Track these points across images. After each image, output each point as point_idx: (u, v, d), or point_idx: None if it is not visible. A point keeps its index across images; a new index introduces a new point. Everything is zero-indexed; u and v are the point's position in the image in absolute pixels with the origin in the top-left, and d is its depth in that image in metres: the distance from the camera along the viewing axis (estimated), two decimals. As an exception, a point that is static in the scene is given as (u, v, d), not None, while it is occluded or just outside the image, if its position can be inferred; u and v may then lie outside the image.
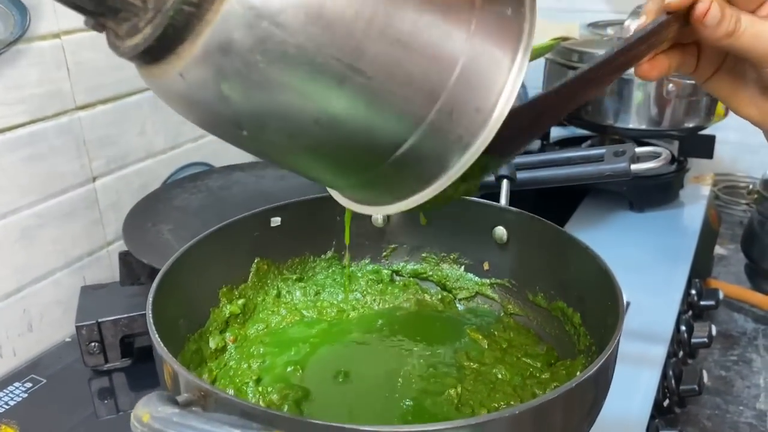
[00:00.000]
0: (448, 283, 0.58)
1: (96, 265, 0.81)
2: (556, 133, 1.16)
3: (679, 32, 0.40)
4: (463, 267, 0.58)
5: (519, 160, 0.64)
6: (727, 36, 0.39)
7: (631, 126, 0.99)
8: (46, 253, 0.75)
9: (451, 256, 0.59)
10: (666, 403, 0.69)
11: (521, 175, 0.60)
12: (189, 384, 0.34)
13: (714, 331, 0.77)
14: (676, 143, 1.07)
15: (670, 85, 0.94)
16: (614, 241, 0.94)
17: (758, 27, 0.39)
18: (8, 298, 0.72)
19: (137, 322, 0.68)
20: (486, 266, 0.57)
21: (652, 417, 0.64)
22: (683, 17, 0.39)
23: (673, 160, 1.07)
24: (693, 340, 0.77)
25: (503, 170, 0.57)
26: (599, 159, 0.61)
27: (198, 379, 0.34)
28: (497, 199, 0.58)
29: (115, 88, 0.80)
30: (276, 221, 0.55)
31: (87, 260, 0.80)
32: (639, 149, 0.62)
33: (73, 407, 0.66)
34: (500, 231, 0.55)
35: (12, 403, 0.65)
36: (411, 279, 0.59)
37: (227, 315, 0.52)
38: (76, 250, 0.79)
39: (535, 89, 1.36)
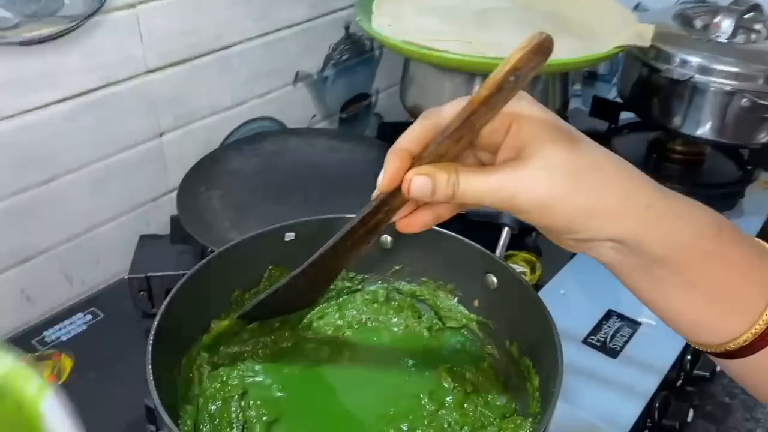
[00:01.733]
0: (440, 310, 0.63)
1: (159, 210, 0.91)
2: (627, 116, 1.13)
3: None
4: (456, 298, 0.63)
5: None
6: (448, 199, 0.40)
7: (698, 133, 0.95)
8: (114, 200, 0.85)
9: (448, 286, 0.63)
10: (645, 432, 0.73)
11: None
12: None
13: (719, 369, 0.79)
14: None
15: (744, 99, 0.89)
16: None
17: (474, 183, 0.40)
18: (79, 237, 0.83)
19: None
20: (476, 303, 0.61)
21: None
22: None
23: (740, 166, 1.04)
24: (695, 372, 0.79)
25: (505, 217, 0.60)
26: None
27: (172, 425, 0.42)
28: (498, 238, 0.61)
29: (185, 52, 0.86)
30: (290, 236, 0.61)
31: (150, 206, 0.90)
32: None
33: (125, 343, 0.76)
34: (491, 278, 0.59)
35: (73, 333, 0.77)
36: (408, 299, 0.64)
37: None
38: (141, 197, 0.88)
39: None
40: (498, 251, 0.58)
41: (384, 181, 0.41)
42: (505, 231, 0.59)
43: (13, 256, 0.78)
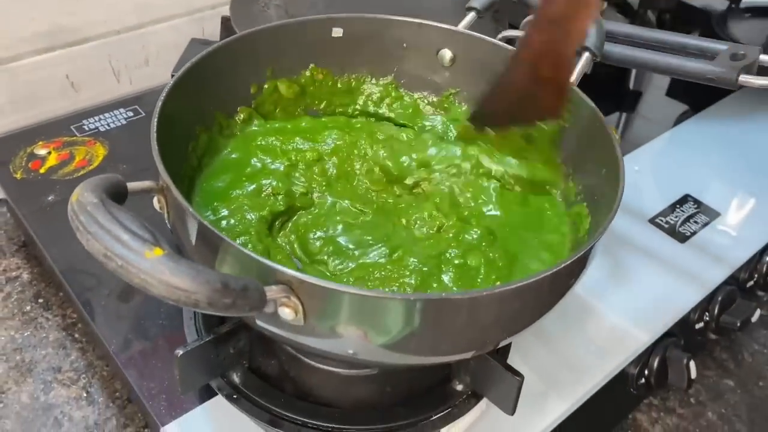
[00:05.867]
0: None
1: (216, 19, 0.85)
2: (752, -3, 0.98)
3: None
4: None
5: (616, 28, 0.56)
6: None
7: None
8: (169, -2, 0.80)
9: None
10: (700, 325, 0.66)
11: (611, 47, 0.53)
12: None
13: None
14: None
15: None
16: (743, 141, 0.82)
17: None
18: (129, 31, 0.79)
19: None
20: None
21: (669, 335, 0.62)
22: None
23: None
24: (773, 272, 0.70)
25: (588, 40, 0.50)
26: (713, 56, 0.52)
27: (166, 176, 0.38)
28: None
29: None
30: (337, 32, 0.54)
31: (208, 13, 0.84)
32: (765, 57, 0.52)
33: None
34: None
35: (112, 125, 0.74)
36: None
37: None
38: (199, 1, 0.83)
39: None
40: (572, 78, 0.50)
41: None
42: (585, 56, 0.50)
43: (58, 37, 0.74)
